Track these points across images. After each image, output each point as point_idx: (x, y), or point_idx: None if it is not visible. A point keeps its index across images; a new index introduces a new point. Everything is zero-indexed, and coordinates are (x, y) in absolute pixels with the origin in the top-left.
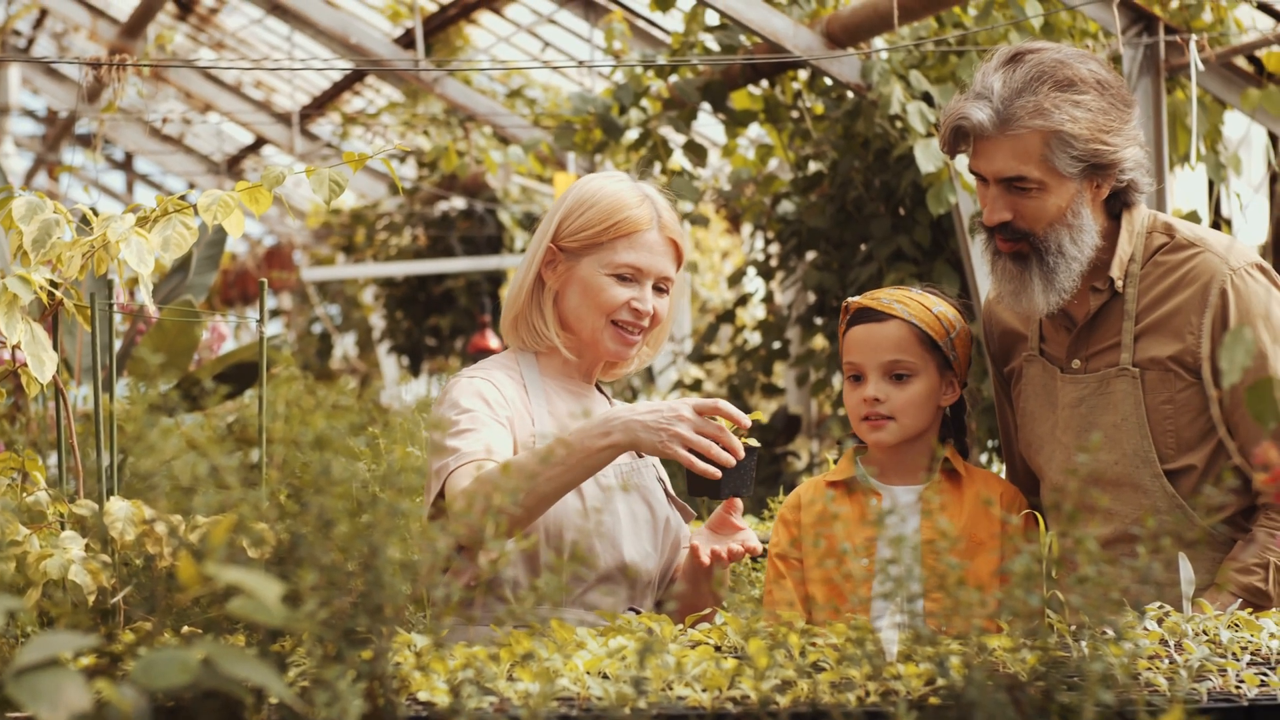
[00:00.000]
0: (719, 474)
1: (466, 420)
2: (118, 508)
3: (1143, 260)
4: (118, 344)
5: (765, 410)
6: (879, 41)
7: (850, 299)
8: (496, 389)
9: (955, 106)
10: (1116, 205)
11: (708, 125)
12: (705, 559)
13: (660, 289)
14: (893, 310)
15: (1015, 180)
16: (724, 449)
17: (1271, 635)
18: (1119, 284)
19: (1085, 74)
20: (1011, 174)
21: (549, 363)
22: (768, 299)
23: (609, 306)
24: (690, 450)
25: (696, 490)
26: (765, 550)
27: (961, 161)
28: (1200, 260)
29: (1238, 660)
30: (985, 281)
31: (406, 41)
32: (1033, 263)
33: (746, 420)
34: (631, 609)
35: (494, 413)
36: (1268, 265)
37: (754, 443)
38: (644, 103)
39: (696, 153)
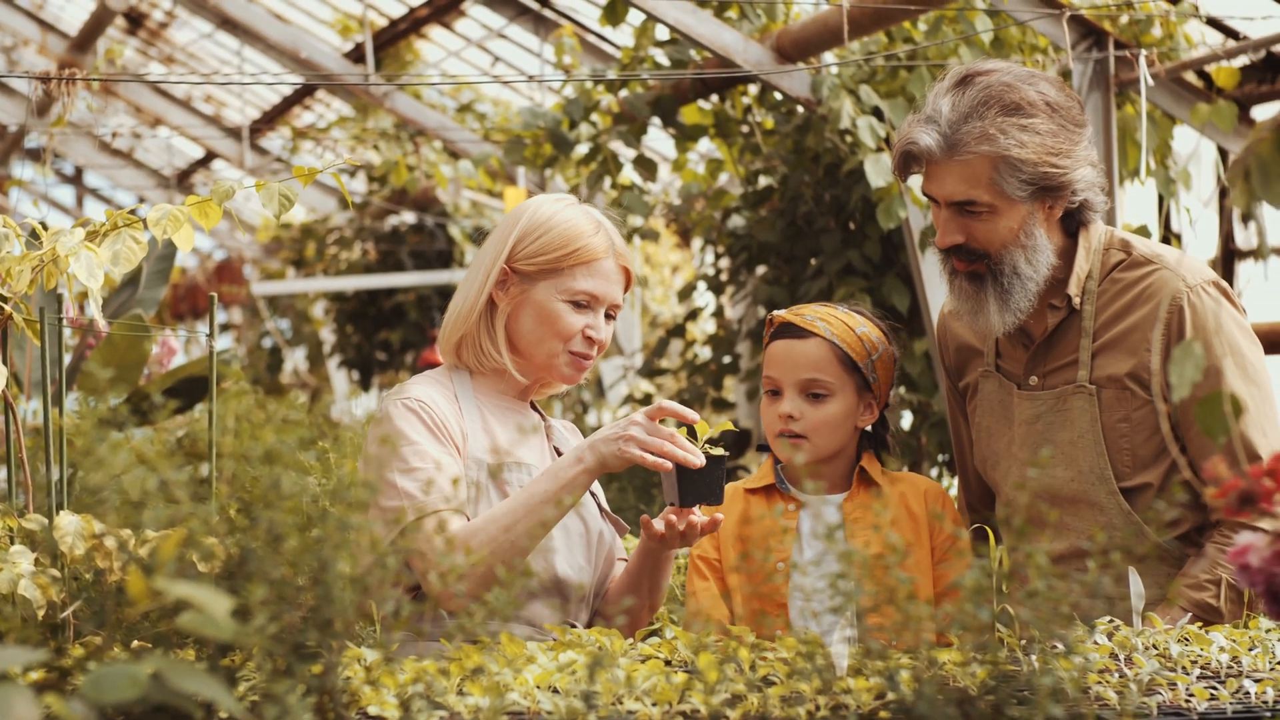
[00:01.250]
0: (670, 466)
1: (420, 461)
2: (67, 522)
3: (1100, 277)
4: (67, 358)
5: (714, 424)
6: (829, 56)
7: (775, 312)
8: (433, 410)
9: (905, 130)
10: (1072, 224)
11: (658, 140)
12: (659, 528)
13: (610, 315)
14: (814, 328)
15: (965, 204)
16: (680, 449)
17: (1221, 649)
18: (1076, 301)
19: (1034, 97)
20: (961, 198)
21: (484, 381)
22: (718, 313)
23: (566, 334)
24: (647, 451)
25: (670, 499)
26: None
27: (913, 180)
28: (1157, 277)
29: (1188, 674)
30: (935, 297)
31: (356, 56)
32: (988, 283)
33: (692, 415)
34: (567, 624)
35: (440, 440)
36: (1224, 283)
37: (719, 451)
38: (594, 117)
39: (647, 167)
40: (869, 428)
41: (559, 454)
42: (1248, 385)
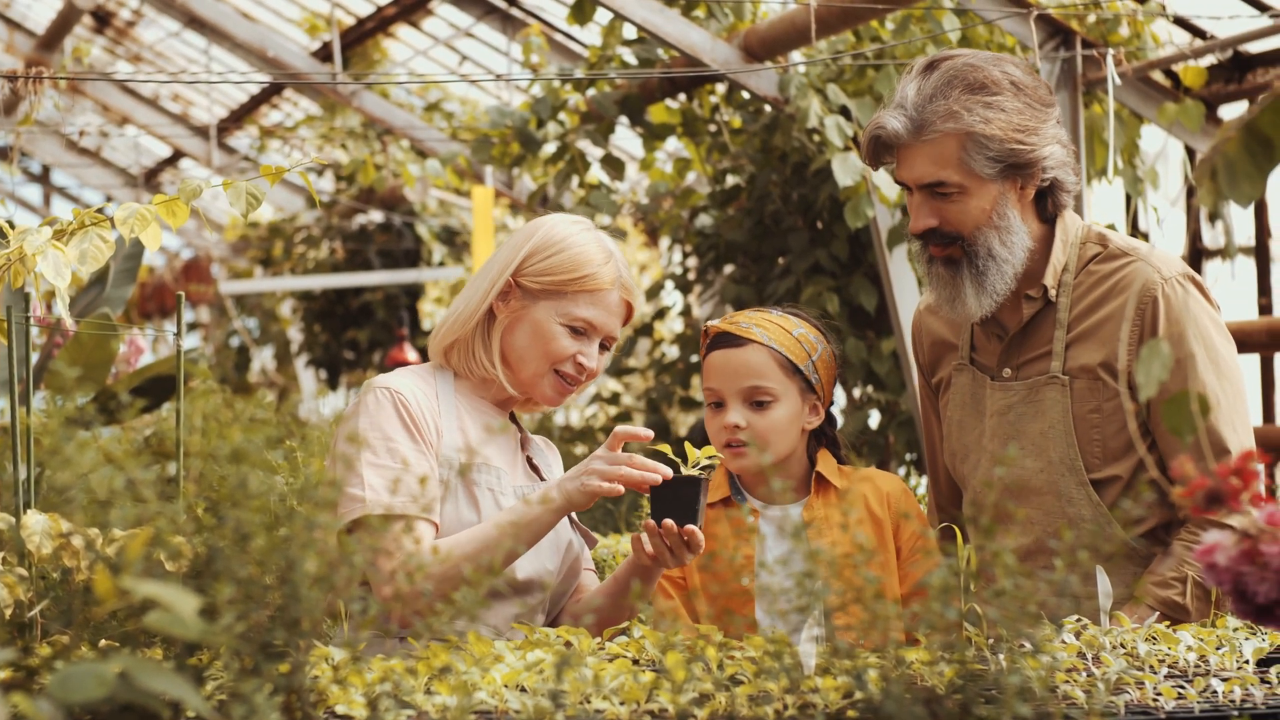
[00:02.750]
0: (621, 490)
1: (393, 459)
2: (34, 521)
3: (1076, 271)
4: (34, 357)
5: (684, 423)
6: (796, 55)
7: (709, 323)
8: (411, 404)
9: (874, 118)
10: (1047, 209)
11: (625, 139)
12: (650, 549)
13: (605, 345)
14: (751, 335)
15: (936, 185)
16: (636, 470)
17: (1189, 648)
18: (1052, 293)
19: (998, 76)
20: (931, 179)
21: (466, 386)
22: (685, 312)
23: (557, 356)
24: (605, 480)
25: (653, 518)
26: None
27: (879, 176)
28: (1132, 269)
29: (1155, 673)
30: (902, 295)
31: (324, 55)
32: (964, 267)
33: (645, 432)
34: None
35: (414, 436)
36: (1199, 276)
37: (695, 473)
38: (562, 116)
39: (614, 166)
40: (817, 429)
41: (532, 464)
42: (1220, 380)
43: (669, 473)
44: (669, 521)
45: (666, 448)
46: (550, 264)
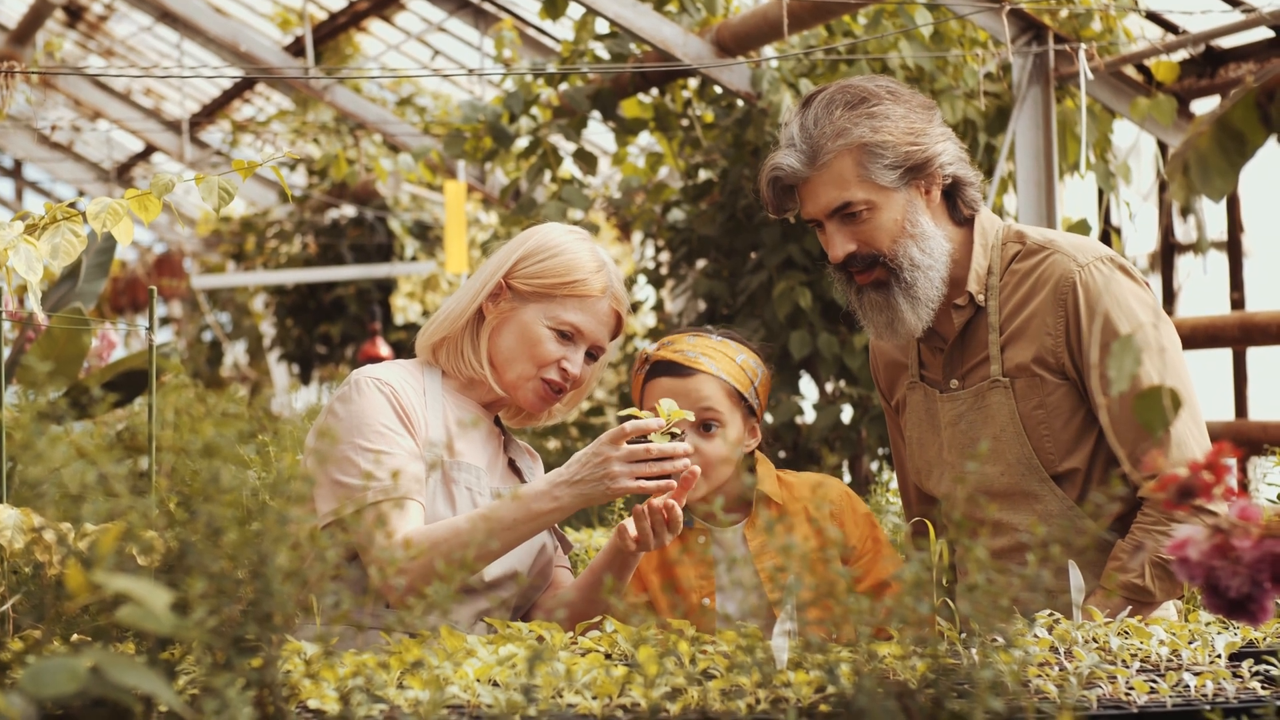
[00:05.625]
0: (675, 485)
1: (384, 444)
2: (6, 515)
3: (1000, 272)
4: (6, 351)
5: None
6: (769, 50)
7: (648, 349)
8: (400, 395)
9: (767, 164)
10: (959, 211)
11: (598, 133)
12: (633, 533)
13: (592, 355)
14: (699, 365)
15: (843, 209)
16: (670, 464)
17: (1161, 643)
18: (979, 297)
19: (874, 89)
20: (838, 203)
21: (452, 385)
22: (658, 307)
23: (542, 359)
24: (640, 478)
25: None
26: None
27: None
28: (1050, 261)
29: (1127, 667)
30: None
31: (296, 49)
32: (893, 285)
33: (655, 423)
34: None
35: (403, 426)
36: (1119, 257)
37: (675, 431)
38: (534, 111)
39: (587, 161)
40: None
41: (515, 467)
42: (1150, 355)
43: (689, 449)
44: (655, 501)
45: (635, 410)
46: (542, 267)
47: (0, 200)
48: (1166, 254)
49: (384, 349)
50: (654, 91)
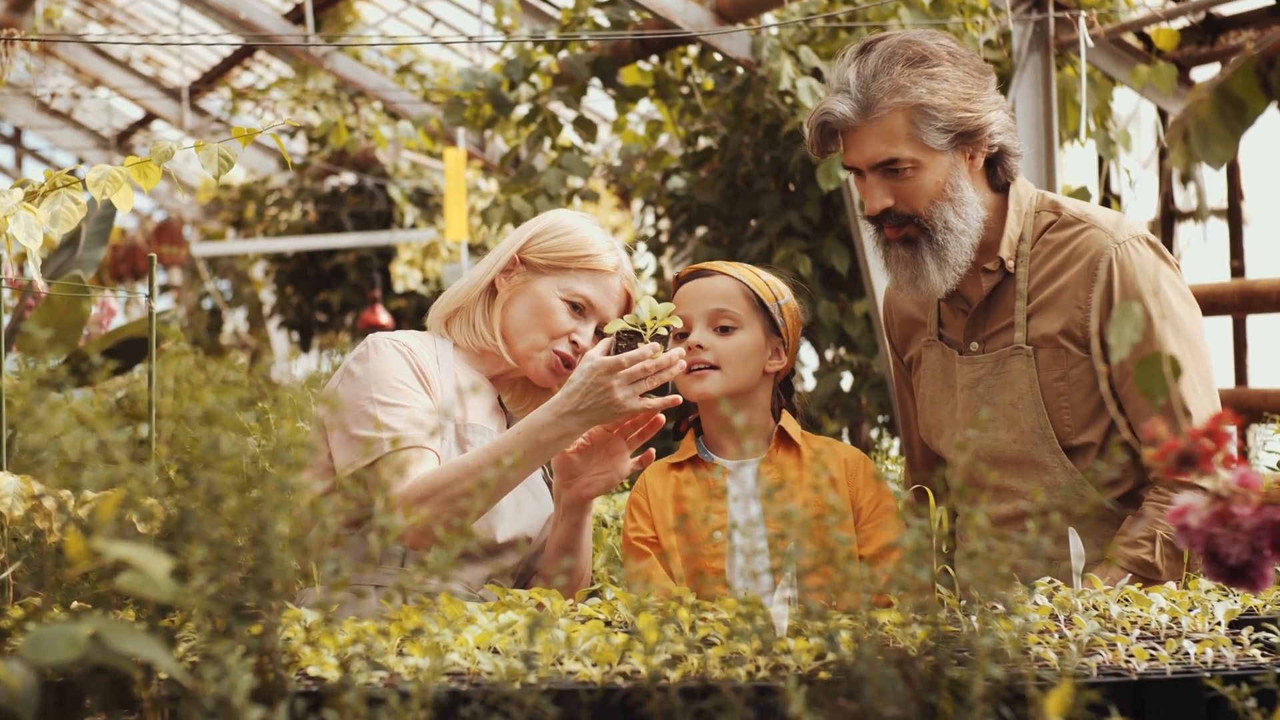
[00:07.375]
0: (679, 399)
1: (401, 398)
2: (6, 483)
3: (1032, 240)
4: (6, 319)
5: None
6: (769, 17)
7: (681, 269)
8: (416, 356)
9: (817, 107)
10: (997, 178)
11: (598, 101)
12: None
13: (600, 333)
14: (720, 269)
15: (888, 164)
16: (664, 368)
17: (1161, 610)
18: (1010, 264)
19: (935, 48)
20: (884, 158)
21: (463, 356)
22: (658, 274)
23: (555, 329)
24: (643, 394)
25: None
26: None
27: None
28: (1087, 235)
29: (1127, 635)
30: (875, 259)
31: (296, 17)
32: (922, 244)
33: (651, 347)
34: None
35: (420, 385)
36: (1154, 238)
37: (663, 333)
38: (534, 78)
39: (586, 128)
40: (780, 391)
41: None
42: (1178, 340)
43: (681, 352)
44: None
45: (620, 321)
46: (556, 243)
47: (0, 168)
48: (1166, 222)
49: (384, 316)
50: (654, 59)
